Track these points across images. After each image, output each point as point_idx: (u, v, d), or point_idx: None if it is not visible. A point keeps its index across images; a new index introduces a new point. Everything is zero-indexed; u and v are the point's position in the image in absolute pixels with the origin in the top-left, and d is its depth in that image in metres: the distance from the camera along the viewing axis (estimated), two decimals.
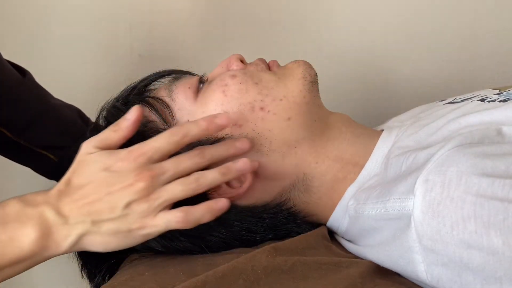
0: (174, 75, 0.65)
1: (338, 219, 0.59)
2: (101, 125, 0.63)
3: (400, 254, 0.48)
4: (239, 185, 0.57)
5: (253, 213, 0.58)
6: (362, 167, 0.59)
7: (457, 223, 0.43)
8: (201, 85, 0.61)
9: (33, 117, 0.72)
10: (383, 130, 0.63)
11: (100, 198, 0.50)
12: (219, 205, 0.52)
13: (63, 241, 0.50)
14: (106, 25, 0.99)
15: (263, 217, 0.58)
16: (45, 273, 1.04)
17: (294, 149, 0.59)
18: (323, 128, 0.61)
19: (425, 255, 0.46)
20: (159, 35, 0.99)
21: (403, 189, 0.48)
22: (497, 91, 0.60)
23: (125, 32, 0.99)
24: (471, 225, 0.42)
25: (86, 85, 0.99)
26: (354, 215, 0.56)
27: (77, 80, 1.00)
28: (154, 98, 0.61)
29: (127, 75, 0.69)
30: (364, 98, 1.00)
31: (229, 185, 0.57)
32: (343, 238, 0.60)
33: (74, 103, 0.82)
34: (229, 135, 0.57)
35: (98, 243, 0.51)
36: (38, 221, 0.49)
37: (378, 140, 0.61)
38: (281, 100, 0.59)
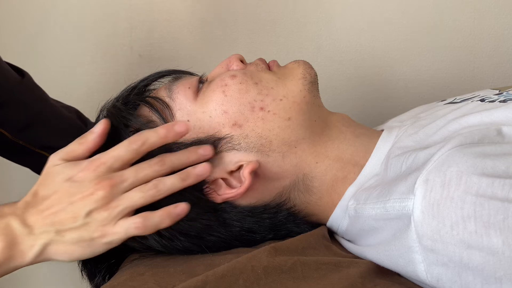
0: (174, 75, 0.65)
1: (338, 219, 0.59)
2: None
3: (400, 254, 0.48)
4: (239, 185, 0.57)
5: (253, 213, 0.58)
6: (362, 167, 0.59)
7: (457, 223, 0.43)
8: (201, 85, 0.61)
9: (32, 117, 0.72)
10: (383, 130, 0.63)
11: (63, 208, 0.51)
12: (178, 209, 0.52)
13: (29, 251, 0.51)
14: (106, 25, 0.99)
15: (263, 217, 0.58)
16: (45, 273, 1.04)
17: (294, 149, 0.59)
18: (323, 128, 0.61)
19: (425, 255, 0.46)
20: (159, 35, 0.99)
21: (403, 189, 0.49)
22: (497, 91, 0.60)
23: (125, 32, 0.99)
24: (471, 225, 0.43)
25: (86, 85, 1.00)
26: (354, 215, 0.56)
27: (77, 80, 1.00)
28: (154, 98, 0.61)
29: (127, 75, 0.69)
30: (364, 98, 1.00)
31: (229, 185, 0.57)
32: (343, 238, 0.60)
33: (74, 103, 0.82)
34: (229, 135, 0.57)
35: (62, 252, 0.52)
36: (3, 231, 0.50)
37: (378, 140, 0.61)
38: (281, 100, 0.59)
